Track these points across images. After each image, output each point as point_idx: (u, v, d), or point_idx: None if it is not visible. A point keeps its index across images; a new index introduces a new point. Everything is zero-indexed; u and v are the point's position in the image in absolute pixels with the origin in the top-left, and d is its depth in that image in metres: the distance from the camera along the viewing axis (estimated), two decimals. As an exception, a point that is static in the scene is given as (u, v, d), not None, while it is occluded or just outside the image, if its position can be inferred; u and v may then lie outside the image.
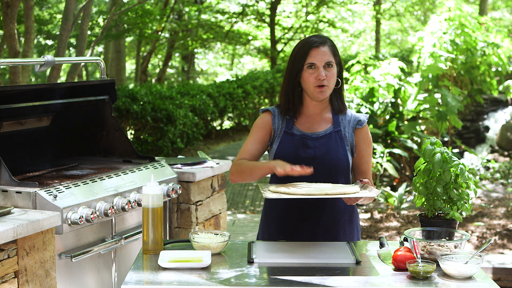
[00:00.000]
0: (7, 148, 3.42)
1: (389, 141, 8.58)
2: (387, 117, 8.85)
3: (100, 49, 18.95)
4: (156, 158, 3.88)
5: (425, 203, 2.63)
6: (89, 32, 12.77)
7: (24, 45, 8.37)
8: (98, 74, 22.51)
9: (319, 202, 2.87)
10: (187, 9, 18.61)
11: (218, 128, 14.77)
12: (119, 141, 3.92)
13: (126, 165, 3.74)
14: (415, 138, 8.86)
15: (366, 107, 8.53)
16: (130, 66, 24.65)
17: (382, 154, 7.87)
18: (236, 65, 28.96)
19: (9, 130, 3.45)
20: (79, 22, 9.54)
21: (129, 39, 18.98)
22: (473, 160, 10.58)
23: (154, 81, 20.01)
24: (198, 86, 14.06)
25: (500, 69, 9.97)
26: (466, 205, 2.60)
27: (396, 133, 8.60)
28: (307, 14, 22.04)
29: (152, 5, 15.66)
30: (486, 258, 5.84)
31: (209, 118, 13.25)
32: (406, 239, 2.60)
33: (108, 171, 3.49)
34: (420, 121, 9.17)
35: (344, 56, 21.33)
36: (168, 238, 3.95)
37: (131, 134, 10.55)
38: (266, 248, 2.69)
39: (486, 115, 13.17)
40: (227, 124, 15.59)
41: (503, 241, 6.33)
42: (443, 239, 2.52)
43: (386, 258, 2.55)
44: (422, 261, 2.39)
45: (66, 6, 8.53)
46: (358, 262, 2.51)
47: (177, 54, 22.46)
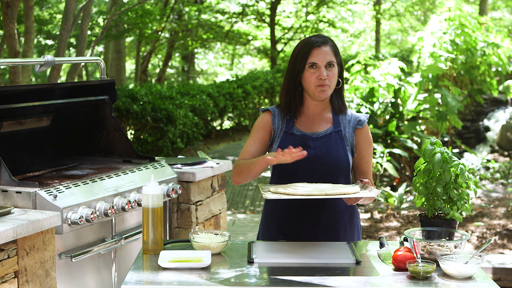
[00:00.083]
0: (7, 148, 3.42)
1: (389, 141, 8.58)
2: (387, 117, 8.85)
3: (100, 49, 18.95)
4: (156, 158, 3.88)
5: (425, 203, 2.63)
6: (89, 32, 12.77)
7: (24, 45, 8.37)
8: (98, 74, 22.50)
9: (319, 202, 2.87)
10: (187, 9, 18.61)
11: (218, 128, 14.76)
12: (119, 141, 3.91)
13: (126, 165, 3.74)
14: (415, 138, 8.86)
15: (366, 107, 8.53)
16: (130, 66, 24.64)
17: (382, 154, 7.87)
18: (236, 65, 28.95)
19: (9, 130, 3.44)
20: (79, 22, 9.54)
21: (129, 39, 18.97)
22: (473, 160, 10.58)
23: (154, 81, 20.00)
24: (198, 86, 14.05)
25: (500, 69, 9.97)
26: (466, 205, 2.60)
27: (396, 133, 8.60)
28: (307, 14, 22.04)
29: (152, 5, 15.66)
30: (486, 258, 5.83)
31: (209, 118, 13.25)
32: (406, 239, 2.60)
33: (108, 171, 3.49)
34: (420, 121, 9.17)
35: (344, 56, 21.32)
36: (168, 238, 3.95)
37: (131, 134, 10.54)
38: (266, 248, 2.69)
39: (486, 115, 13.16)
40: (227, 124, 15.58)
41: (503, 241, 6.33)
42: (443, 239, 2.52)
43: (386, 258, 2.55)
44: (422, 261, 2.39)
45: (66, 6, 8.53)
46: (358, 262, 2.51)
47: (177, 54, 22.46)
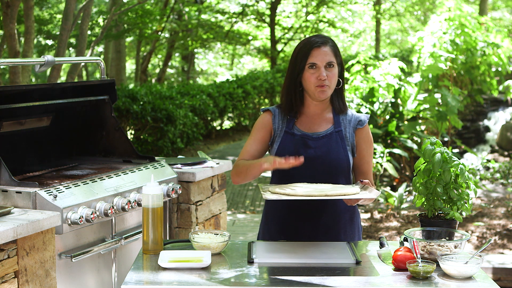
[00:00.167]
0: (7, 148, 3.42)
1: (389, 141, 8.58)
2: (387, 117, 8.85)
3: (100, 49, 18.94)
4: (156, 158, 3.88)
5: (425, 203, 2.63)
6: (89, 32, 12.76)
7: (24, 45, 8.37)
8: (98, 74, 22.51)
9: (320, 203, 2.87)
10: (187, 9, 18.61)
11: (218, 128, 14.76)
12: (119, 141, 3.91)
13: (126, 165, 3.73)
14: (415, 138, 8.86)
15: (366, 107, 8.53)
16: (130, 66, 24.64)
17: (382, 154, 7.87)
18: (236, 65, 28.95)
19: (9, 130, 3.44)
20: (79, 22, 9.55)
21: (129, 39, 18.97)
22: (473, 160, 10.58)
23: (154, 81, 20.01)
24: (198, 86, 14.05)
25: (500, 69, 9.97)
26: (466, 205, 2.60)
27: (396, 133, 8.60)
28: (307, 14, 22.04)
29: (152, 5, 15.67)
30: (486, 258, 5.83)
31: (209, 118, 13.25)
32: (406, 239, 2.60)
33: (108, 171, 3.49)
34: (420, 121, 9.17)
35: (344, 56, 21.32)
36: (168, 238, 3.95)
37: (131, 134, 10.54)
38: (266, 248, 2.69)
39: (486, 115, 13.16)
40: (227, 124, 15.58)
41: (503, 241, 6.33)
42: (443, 239, 2.51)
43: (386, 258, 2.55)
44: (422, 261, 2.39)
45: (66, 6, 8.53)
46: (358, 262, 2.51)
47: (177, 54, 22.47)
